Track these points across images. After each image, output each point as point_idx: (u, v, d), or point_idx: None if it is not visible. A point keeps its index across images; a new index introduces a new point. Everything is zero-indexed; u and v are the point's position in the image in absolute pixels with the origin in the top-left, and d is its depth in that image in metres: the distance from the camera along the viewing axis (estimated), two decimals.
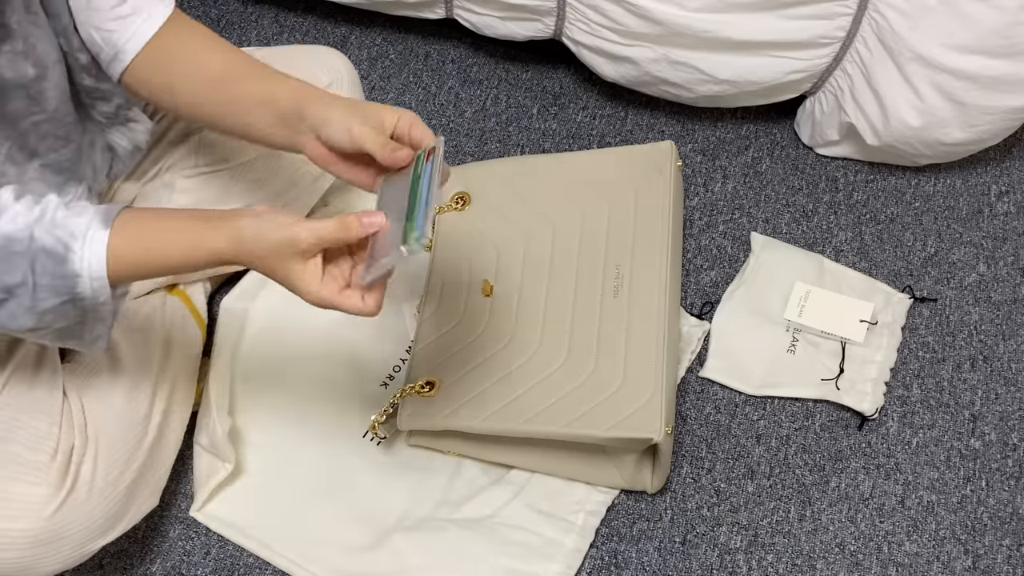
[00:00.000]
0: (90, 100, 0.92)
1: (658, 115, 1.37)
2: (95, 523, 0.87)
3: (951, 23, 1.07)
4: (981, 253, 1.24)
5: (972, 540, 1.05)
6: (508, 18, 1.29)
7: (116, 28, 0.84)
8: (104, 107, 0.93)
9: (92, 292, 0.74)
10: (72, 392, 0.90)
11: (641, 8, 1.15)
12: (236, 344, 1.13)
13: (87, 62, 0.87)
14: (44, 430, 0.86)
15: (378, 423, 1.04)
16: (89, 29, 0.85)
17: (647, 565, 1.03)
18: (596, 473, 1.04)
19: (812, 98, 1.28)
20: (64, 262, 0.72)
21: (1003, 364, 1.16)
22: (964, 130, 1.17)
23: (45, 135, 0.85)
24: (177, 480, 1.06)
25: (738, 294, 1.18)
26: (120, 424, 0.90)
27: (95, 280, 0.73)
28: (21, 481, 0.83)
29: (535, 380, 1.02)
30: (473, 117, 1.37)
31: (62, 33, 0.83)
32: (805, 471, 1.09)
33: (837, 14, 1.13)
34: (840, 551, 1.04)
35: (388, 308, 1.18)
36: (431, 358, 1.06)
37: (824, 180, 1.31)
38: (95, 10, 0.84)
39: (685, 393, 1.13)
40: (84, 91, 0.90)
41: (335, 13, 1.45)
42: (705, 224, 1.27)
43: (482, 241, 1.15)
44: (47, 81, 0.82)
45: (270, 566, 1.02)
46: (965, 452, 1.10)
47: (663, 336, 1.02)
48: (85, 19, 0.84)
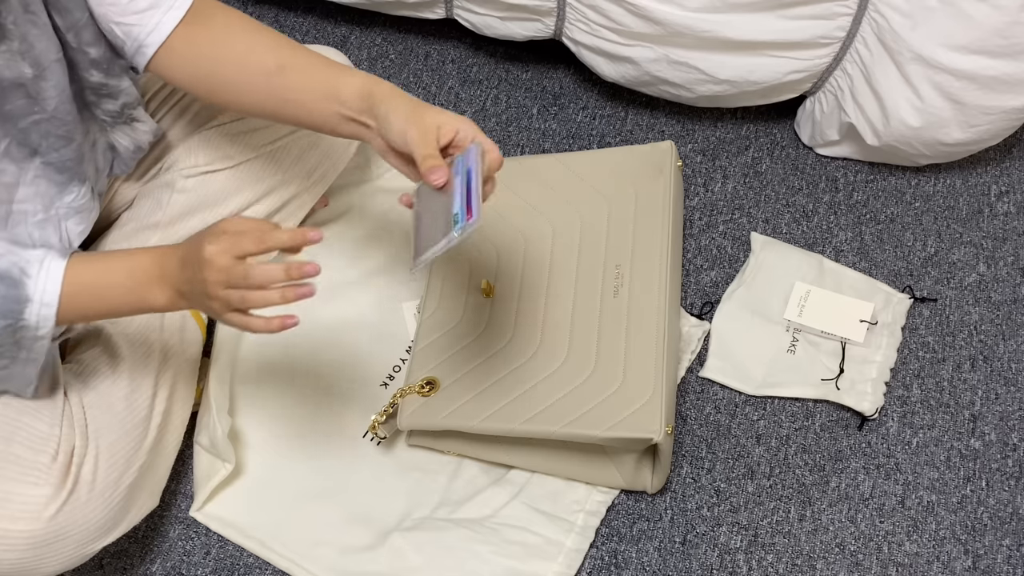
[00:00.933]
0: (96, 97, 0.92)
1: (658, 115, 1.37)
2: (95, 524, 0.87)
3: (951, 23, 1.07)
4: (981, 253, 1.24)
5: (972, 540, 1.05)
6: (508, 18, 1.29)
7: (135, 22, 0.84)
8: (109, 105, 0.93)
9: (36, 321, 0.76)
10: (73, 393, 0.90)
11: (641, 8, 1.15)
12: (236, 344, 1.13)
13: (97, 56, 0.87)
14: (45, 431, 0.86)
15: (378, 423, 1.04)
16: (108, 23, 0.85)
17: (647, 565, 1.03)
18: (596, 473, 1.04)
19: (812, 98, 1.28)
20: (18, 286, 0.75)
21: (1003, 364, 1.16)
22: (964, 130, 1.17)
23: (46, 134, 0.85)
24: (177, 480, 1.07)
25: (738, 294, 1.19)
26: (121, 425, 0.90)
27: (44, 307, 0.76)
28: (22, 482, 0.83)
29: (535, 380, 1.02)
30: (473, 117, 1.37)
31: (71, 29, 0.83)
32: (805, 471, 1.09)
33: (837, 14, 1.13)
34: (840, 551, 1.04)
35: (388, 308, 1.18)
36: (431, 358, 1.06)
37: (824, 180, 1.31)
38: (111, 4, 0.83)
39: (685, 393, 1.13)
40: (91, 88, 0.90)
41: (335, 13, 1.45)
42: (705, 224, 1.27)
43: (482, 241, 1.15)
44: (46, 81, 0.82)
45: (270, 566, 1.02)
46: (965, 452, 1.10)
47: (663, 336, 1.02)
48: (103, 13, 0.84)
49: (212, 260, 0.73)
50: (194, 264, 0.75)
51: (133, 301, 0.79)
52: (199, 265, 0.74)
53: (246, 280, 0.73)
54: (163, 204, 1.03)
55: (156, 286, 0.78)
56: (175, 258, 0.78)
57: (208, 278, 0.73)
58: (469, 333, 1.07)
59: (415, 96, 1.38)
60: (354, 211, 1.24)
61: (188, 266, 0.76)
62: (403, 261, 1.21)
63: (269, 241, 0.74)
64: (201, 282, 0.74)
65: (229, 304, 0.75)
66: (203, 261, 0.73)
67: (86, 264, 0.79)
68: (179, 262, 0.77)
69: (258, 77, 0.87)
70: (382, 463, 1.07)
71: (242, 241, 0.73)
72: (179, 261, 0.77)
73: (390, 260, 1.21)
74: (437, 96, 1.39)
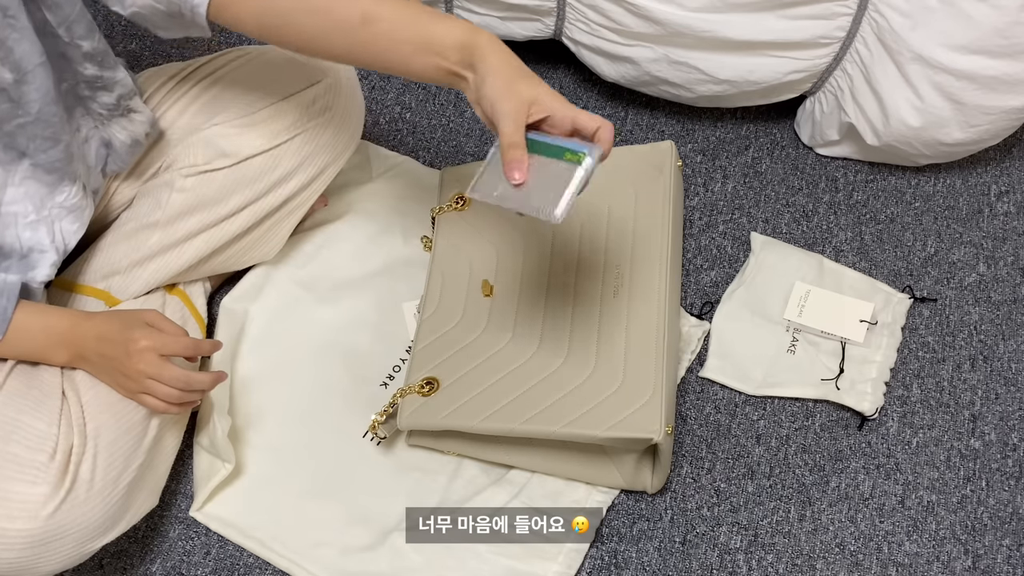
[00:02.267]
0: (91, 91, 0.91)
1: (658, 115, 1.37)
2: (94, 523, 0.87)
3: (951, 23, 1.07)
4: (981, 253, 1.24)
5: (972, 540, 1.05)
6: (508, 18, 1.29)
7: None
8: (105, 97, 0.93)
9: None
10: (71, 392, 0.90)
11: (641, 8, 1.15)
12: (236, 344, 1.13)
13: (90, 49, 0.86)
14: (43, 430, 0.86)
15: (378, 423, 1.04)
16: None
17: (647, 565, 1.03)
18: (596, 473, 1.04)
19: (812, 98, 1.28)
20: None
21: (1003, 364, 1.16)
22: (964, 130, 1.17)
23: (33, 136, 0.85)
24: (177, 480, 1.06)
25: (738, 294, 1.18)
26: (119, 424, 0.90)
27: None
28: (20, 481, 0.83)
29: (535, 380, 1.02)
30: (473, 117, 1.37)
31: (63, 23, 0.83)
32: (805, 471, 1.09)
33: (837, 14, 1.13)
34: (840, 551, 1.04)
35: (388, 308, 1.18)
36: (431, 358, 1.06)
37: (824, 180, 1.31)
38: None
39: (685, 393, 1.13)
40: (86, 82, 0.90)
41: None
42: (705, 224, 1.27)
43: (482, 241, 1.15)
44: (28, 84, 0.82)
45: (270, 566, 1.02)
46: (965, 452, 1.10)
47: (663, 336, 1.02)
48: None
49: (143, 354, 0.86)
50: (121, 347, 0.87)
51: (36, 351, 0.89)
52: (128, 353, 0.86)
53: (160, 376, 0.87)
54: (162, 203, 1.03)
55: (64, 348, 0.89)
56: (92, 331, 0.89)
57: (137, 367, 0.86)
58: (469, 333, 1.07)
59: (415, 96, 1.39)
60: (354, 211, 1.24)
61: (108, 344, 0.88)
62: (403, 260, 1.21)
63: (193, 352, 0.91)
64: (124, 365, 0.87)
65: (141, 388, 0.88)
66: (136, 352, 0.86)
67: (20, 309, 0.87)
68: (97, 337, 0.88)
69: (341, 31, 0.82)
70: (382, 463, 1.07)
71: (168, 342, 0.88)
72: (97, 337, 0.88)
73: (390, 260, 1.21)
74: (437, 96, 1.39)
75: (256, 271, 1.17)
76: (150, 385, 0.88)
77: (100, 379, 0.91)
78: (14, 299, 0.86)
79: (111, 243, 1.04)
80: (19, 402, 0.87)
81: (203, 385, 0.91)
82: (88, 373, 0.91)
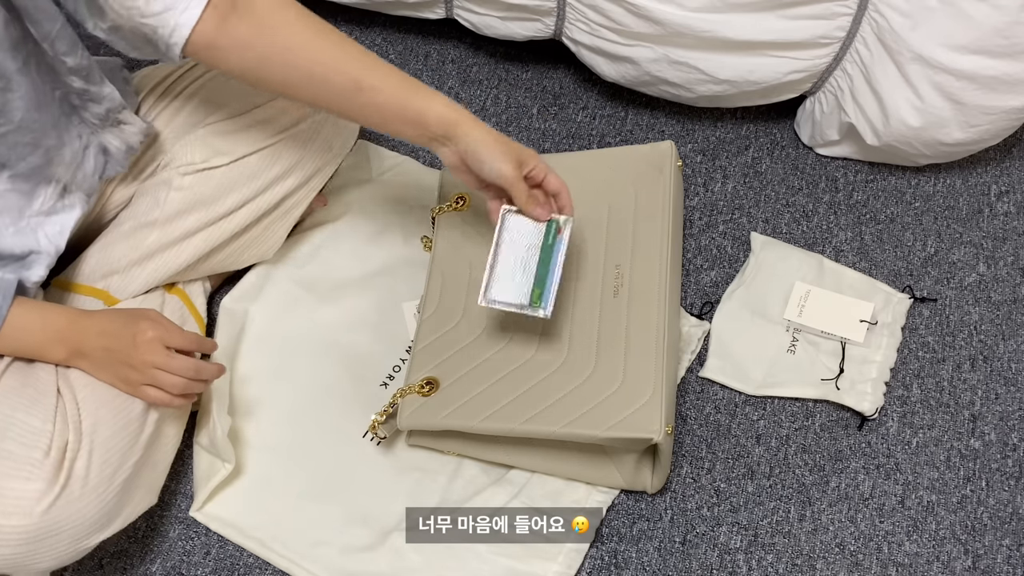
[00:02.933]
0: (80, 102, 0.92)
1: (658, 115, 1.37)
2: (89, 520, 0.86)
3: (951, 23, 1.07)
4: (981, 253, 1.24)
5: (972, 540, 1.05)
6: (508, 18, 1.29)
7: (157, 23, 0.84)
8: (95, 108, 0.93)
9: None
10: (67, 389, 0.90)
11: (641, 8, 1.15)
12: (236, 344, 1.13)
13: (74, 65, 0.87)
14: (38, 427, 0.86)
15: (378, 423, 1.03)
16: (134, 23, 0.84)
17: (647, 565, 1.03)
18: (596, 473, 1.04)
19: (812, 98, 1.28)
20: None
21: (1003, 364, 1.16)
22: (964, 130, 1.17)
23: (14, 144, 0.85)
24: (177, 480, 1.06)
25: (738, 294, 1.18)
26: (115, 421, 0.90)
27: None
28: (14, 477, 0.83)
29: (535, 380, 1.01)
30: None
31: (46, 39, 0.83)
32: (805, 471, 1.09)
33: (837, 14, 1.13)
34: (840, 551, 1.04)
35: (388, 308, 1.18)
36: (431, 358, 1.06)
37: (824, 180, 1.31)
38: (127, 8, 0.83)
39: (685, 393, 1.13)
40: (75, 93, 0.90)
41: (335, 13, 1.45)
42: (705, 224, 1.27)
43: (482, 241, 1.15)
44: (12, 92, 0.82)
45: (270, 566, 1.02)
46: (965, 452, 1.10)
47: (663, 336, 1.02)
48: (128, 15, 0.84)
49: (151, 344, 0.88)
50: (127, 339, 0.88)
51: (33, 347, 0.89)
52: (135, 344, 0.88)
53: (168, 365, 0.88)
54: (160, 202, 1.03)
55: (61, 344, 0.89)
56: (94, 327, 0.89)
57: (144, 357, 0.88)
58: (469, 333, 1.07)
59: None
60: (353, 211, 1.24)
61: (112, 338, 0.88)
62: (403, 260, 1.21)
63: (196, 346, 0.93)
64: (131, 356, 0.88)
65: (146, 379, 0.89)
66: (144, 342, 0.88)
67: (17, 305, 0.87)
68: (99, 332, 0.89)
69: (336, 93, 0.89)
70: (382, 463, 1.07)
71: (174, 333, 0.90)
72: (99, 332, 0.89)
73: (390, 260, 1.21)
74: None
75: (256, 271, 1.17)
76: (156, 375, 0.88)
77: (99, 376, 0.90)
78: (10, 296, 0.86)
79: (109, 242, 1.04)
80: (14, 399, 0.87)
81: (210, 374, 0.93)
82: (85, 371, 0.91)
